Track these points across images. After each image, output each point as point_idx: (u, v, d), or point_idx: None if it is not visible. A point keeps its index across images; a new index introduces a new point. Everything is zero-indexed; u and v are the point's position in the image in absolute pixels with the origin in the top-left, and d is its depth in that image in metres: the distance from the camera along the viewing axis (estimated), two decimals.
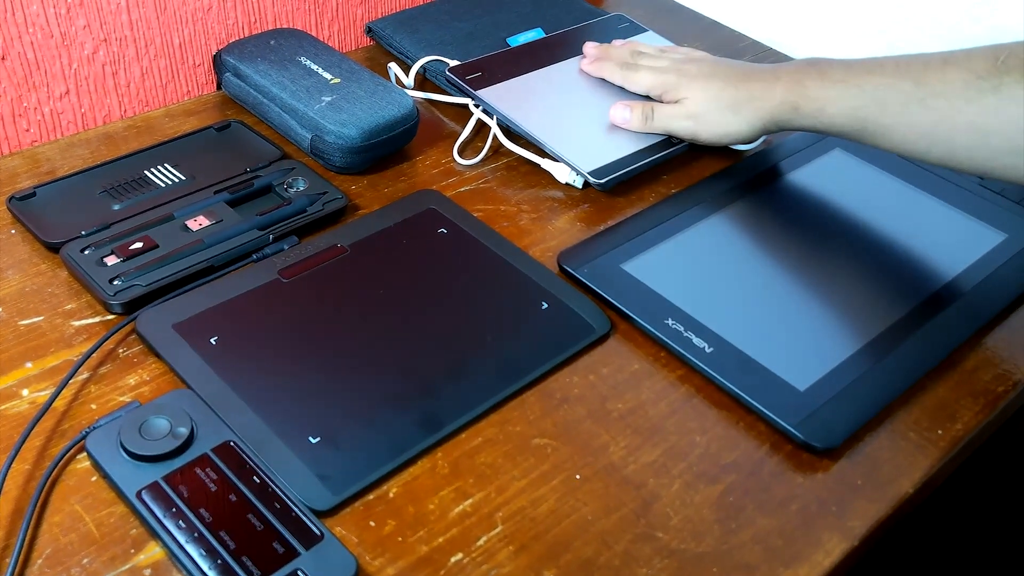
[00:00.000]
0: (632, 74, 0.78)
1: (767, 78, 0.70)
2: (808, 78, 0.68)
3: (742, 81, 0.72)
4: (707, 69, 0.74)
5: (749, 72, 0.72)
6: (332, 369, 0.56)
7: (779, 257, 0.69)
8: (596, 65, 0.80)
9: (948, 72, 0.61)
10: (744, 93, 0.71)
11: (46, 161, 0.72)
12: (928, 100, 0.61)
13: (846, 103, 0.65)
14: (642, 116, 0.75)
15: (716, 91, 0.72)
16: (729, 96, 0.72)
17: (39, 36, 0.71)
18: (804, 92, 0.67)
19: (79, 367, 0.55)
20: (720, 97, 0.72)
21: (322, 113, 0.72)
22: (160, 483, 0.48)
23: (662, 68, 0.77)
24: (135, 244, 0.62)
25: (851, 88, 0.65)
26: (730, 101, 0.72)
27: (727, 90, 0.72)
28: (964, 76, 0.60)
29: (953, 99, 0.60)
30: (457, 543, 0.49)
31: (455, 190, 0.73)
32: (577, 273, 0.65)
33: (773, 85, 0.69)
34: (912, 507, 0.54)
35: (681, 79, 0.74)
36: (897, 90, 0.63)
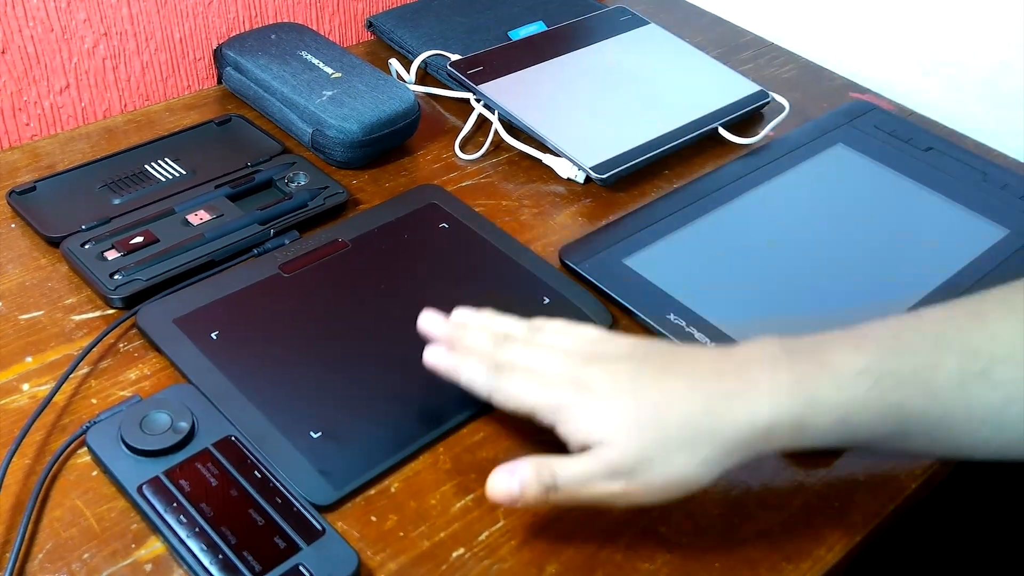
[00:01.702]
0: (502, 384, 0.49)
1: (732, 384, 0.45)
2: (810, 379, 0.45)
3: (690, 392, 0.45)
4: (623, 369, 0.47)
5: (696, 373, 0.46)
6: (333, 364, 0.56)
7: (781, 252, 0.68)
8: (448, 361, 0.51)
9: (998, 330, 0.45)
10: (700, 413, 0.44)
11: (46, 155, 0.72)
12: (992, 371, 0.44)
13: (879, 402, 0.44)
14: (538, 485, 0.45)
15: (649, 417, 0.45)
16: (675, 422, 0.44)
17: (39, 30, 0.71)
18: (812, 402, 0.44)
19: (79, 362, 0.55)
20: (658, 426, 0.44)
21: (323, 108, 0.71)
22: (161, 478, 0.48)
23: (548, 370, 0.48)
24: (136, 238, 0.62)
25: (884, 380, 0.44)
26: (677, 431, 0.44)
27: (669, 412, 0.44)
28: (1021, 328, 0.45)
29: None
30: (459, 538, 0.49)
31: (456, 185, 0.73)
32: (579, 268, 0.64)
33: (750, 397, 0.44)
34: (914, 503, 0.54)
35: (581, 397, 0.46)
36: (944, 368, 0.45)
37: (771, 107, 0.84)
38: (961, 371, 0.44)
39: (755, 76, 0.88)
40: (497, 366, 0.49)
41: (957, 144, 0.81)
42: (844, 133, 0.80)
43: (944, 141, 0.80)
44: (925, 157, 0.78)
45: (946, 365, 0.44)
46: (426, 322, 0.53)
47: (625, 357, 0.47)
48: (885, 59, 0.91)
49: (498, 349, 0.49)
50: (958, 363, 0.44)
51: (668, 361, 0.47)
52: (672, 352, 0.48)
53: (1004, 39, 0.83)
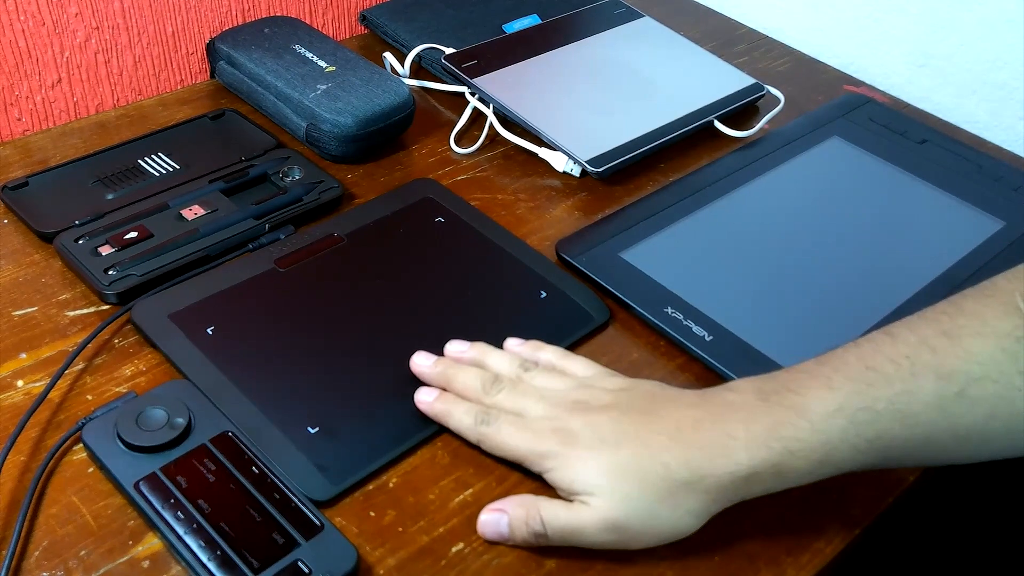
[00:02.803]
0: (490, 430, 0.50)
1: (710, 436, 0.46)
2: (782, 423, 0.45)
3: (671, 445, 0.46)
4: (606, 420, 0.48)
5: (676, 425, 0.47)
6: (330, 359, 0.56)
7: (778, 244, 0.68)
8: (438, 405, 0.52)
9: (971, 348, 0.45)
10: (681, 467, 0.45)
11: (38, 150, 0.71)
12: (969, 390, 0.44)
13: (857, 439, 0.45)
14: (527, 531, 0.47)
15: (632, 470, 0.46)
16: (658, 476, 0.45)
17: (30, 24, 0.70)
18: (790, 449, 0.45)
19: (74, 358, 0.55)
20: (642, 480, 0.46)
21: (317, 101, 0.71)
22: (158, 474, 0.48)
23: (535, 417, 0.50)
24: (130, 234, 0.62)
25: (859, 416, 0.45)
26: (660, 486, 0.45)
27: (651, 466, 0.46)
28: (998, 345, 0.45)
29: (1003, 380, 0.44)
30: (458, 533, 0.49)
31: (452, 179, 0.73)
32: (575, 262, 0.64)
33: (728, 449, 0.45)
34: (912, 496, 0.54)
35: (567, 448, 0.48)
36: (921, 393, 0.45)
37: (766, 100, 0.84)
38: (938, 395, 0.45)
39: (750, 69, 0.88)
40: (485, 413, 0.51)
41: (951, 136, 0.81)
42: (839, 126, 0.80)
43: (939, 134, 0.80)
44: (920, 149, 0.78)
45: (922, 391, 0.45)
46: (417, 364, 0.55)
47: (609, 407, 0.49)
48: (879, 52, 0.91)
49: (486, 395, 0.52)
50: (934, 388, 0.45)
51: (649, 411, 0.48)
52: (653, 400, 0.49)
53: (997, 32, 0.83)
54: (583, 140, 0.73)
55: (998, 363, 0.44)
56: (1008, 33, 0.82)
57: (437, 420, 0.52)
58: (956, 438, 0.45)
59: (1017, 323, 0.45)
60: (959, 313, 0.46)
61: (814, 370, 0.47)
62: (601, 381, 0.52)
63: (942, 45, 0.87)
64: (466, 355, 0.55)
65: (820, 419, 0.45)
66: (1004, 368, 0.44)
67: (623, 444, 0.47)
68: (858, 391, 0.45)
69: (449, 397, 0.53)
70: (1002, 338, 0.45)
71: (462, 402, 0.52)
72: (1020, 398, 0.44)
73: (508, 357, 0.54)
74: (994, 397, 0.44)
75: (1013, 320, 0.45)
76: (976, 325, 0.45)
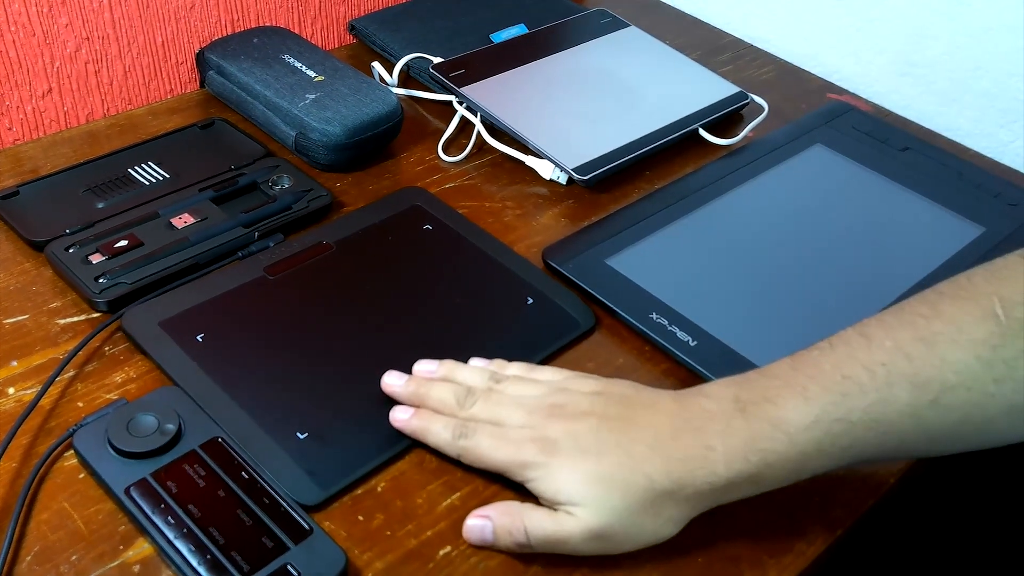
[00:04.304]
0: (469, 443, 0.50)
1: (689, 444, 0.47)
2: (759, 436, 0.46)
3: (651, 454, 0.47)
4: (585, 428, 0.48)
5: (654, 433, 0.48)
6: (319, 365, 0.57)
7: (762, 251, 0.69)
8: (414, 422, 0.52)
9: (947, 356, 0.45)
10: (662, 478, 0.46)
11: (29, 160, 0.71)
12: (943, 398, 0.45)
13: (831, 449, 0.46)
14: (511, 539, 0.48)
15: (615, 480, 0.46)
16: (640, 486, 0.46)
17: (21, 34, 0.71)
18: (766, 460, 0.46)
19: (65, 365, 0.55)
20: (625, 489, 0.46)
21: (306, 111, 0.72)
22: (148, 480, 0.48)
23: (514, 427, 0.50)
24: (120, 242, 0.62)
25: (835, 427, 0.45)
26: (642, 495, 0.46)
27: (633, 476, 0.46)
28: (971, 353, 0.45)
29: (976, 388, 0.45)
30: (446, 536, 0.49)
31: (440, 187, 0.73)
32: (562, 268, 0.65)
33: (707, 461, 0.46)
34: (894, 498, 0.55)
35: (548, 457, 0.48)
36: (895, 402, 0.45)
37: (750, 108, 0.85)
38: (912, 404, 0.45)
39: (734, 78, 0.89)
40: (462, 427, 0.51)
41: (933, 144, 0.82)
42: (822, 134, 0.81)
43: (920, 141, 0.81)
44: (902, 157, 0.79)
45: (897, 400, 0.45)
46: (389, 384, 0.54)
47: (588, 414, 0.49)
48: (862, 60, 0.92)
49: (461, 408, 0.52)
50: (909, 397, 0.45)
51: (628, 418, 0.49)
52: (630, 405, 0.50)
53: (979, 41, 0.84)
54: (569, 148, 0.74)
55: (973, 371, 0.45)
56: (989, 42, 0.84)
57: (415, 437, 0.53)
58: (929, 441, 0.47)
59: (993, 330, 0.45)
60: (936, 317, 0.47)
61: (790, 377, 0.47)
62: (575, 383, 0.52)
63: (924, 54, 0.88)
64: (436, 374, 0.55)
65: (797, 432, 0.46)
66: (978, 376, 0.45)
67: (604, 454, 0.47)
68: (834, 402, 0.46)
69: (425, 414, 0.52)
70: (978, 346, 0.45)
71: (439, 417, 0.52)
72: (993, 404, 0.45)
73: (478, 371, 0.54)
74: (967, 404, 0.45)
75: (989, 327, 0.45)
76: (952, 332, 0.46)
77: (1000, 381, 0.45)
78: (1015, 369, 0.44)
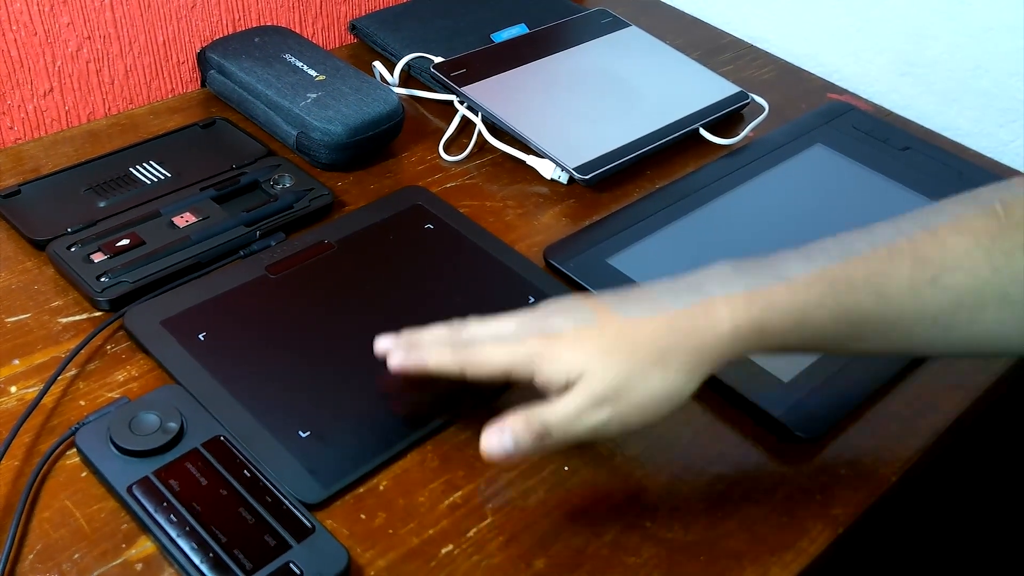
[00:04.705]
0: (471, 353, 0.49)
1: (693, 302, 0.47)
2: (764, 288, 0.47)
3: (650, 316, 0.47)
4: (580, 315, 0.48)
5: (654, 298, 0.48)
6: (321, 364, 0.57)
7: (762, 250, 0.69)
8: (413, 355, 0.51)
9: (949, 240, 0.48)
10: (665, 332, 0.46)
11: (30, 159, 0.72)
12: (942, 278, 0.47)
13: (833, 305, 0.47)
14: (530, 435, 0.46)
15: (618, 344, 0.47)
16: (644, 343, 0.46)
17: (23, 33, 0.71)
18: (769, 306, 0.46)
19: (67, 364, 0.55)
20: (630, 350, 0.46)
21: (307, 110, 0.72)
22: (150, 478, 0.48)
23: (510, 333, 0.49)
24: (122, 241, 0.62)
25: (837, 285, 0.47)
26: (648, 350, 0.46)
27: (636, 336, 0.47)
28: (973, 241, 0.47)
29: (974, 270, 0.47)
30: (448, 535, 0.49)
31: (441, 186, 0.73)
32: (563, 268, 0.65)
33: (709, 309, 0.47)
34: (895, 495, 0.55)
35: (551, 342, 0.48)
36: (896, 275, 0.47)
37: (751, 108, 0.85)
38: (912, 278, 0.47)
39: (735, 78, 0.89)
40: (461, 343, 0.50)
41: (933, 144, 0.82)
42: (823, 133, 0.82)
43: (920, 141, 0.82)
44: (902, 156, 0.79)
45: (898, 273, 0.47)
46: (381, 344, 0.52)
47: (580, 303, 0.50)
48: (862, 60, 0.92)
49: (456, 333, 0.51)
50: (910, 271, 0.47)
51: (622, 297, 0.49)
52: (623, 291, 0.50)
53: (978, 41, 0.84)
54: (570, 148, 0.74)
55: (972, 257, 0.47)
56: (989, 42, 0.84)
57: (415, 370, 0.50)
58: (922, 322, 0.48)
59: (993, 224, 0.48)
60: (940, 213, 0.49)
61: (792, 252, 0.49)
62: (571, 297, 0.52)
63: (924, 54, 0.88)
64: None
65: (799, 284, 0.47)
66: (976, 261, 0.47)
67: (606, 325, 0.47)
68: (836, 264, 0.48)
69: (421, 344, 0.51)
70: (979, 235, 0.47)
71: (435, 344, 0.50)
72: (987, 291, 0.47)
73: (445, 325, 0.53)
74: (963, 287, 0.47)
75: (989, 221, 0.48)
76: (954, 223, 0.48)
77: (997, 270, 0.47)
78: (1012, 260, 0.47)
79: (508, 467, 0.53)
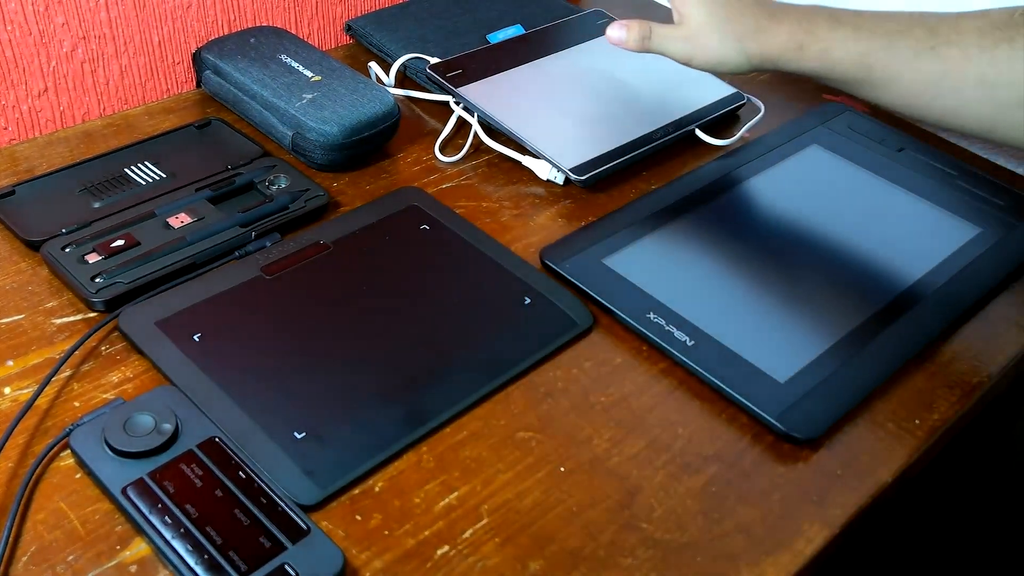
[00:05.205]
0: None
1: (775, 12, 0.67)
2: (818, 18, 0.65)
3: (749, 9, 0.68)
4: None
5: (760, 3, 0.69)
6: (316, 364, 0.57)
7: (758, 251, 0.69)
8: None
9: (962, 22, 0.60)
10: (749, 22, 0.67)
11: (24, 159, 0.71)
12: (940, 48, 0.60)
13: (854, 46, 0.63)
14: (639, 35, 0.69)
15: (720, 17, 0.68)
16: (733, 23, 0.67)
17: (17, 33, 0.70)
18: (812, 31, 0.65)
19: (61, 365, 0.55)
20: (724, 22, 0.68)
21: (303, 110, 0.72)
22: (145, 479, 0.48)
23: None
24: (116, 242, 0.62)
25: (862, 32, 0.63)
26: (732, 29, 0.67)
27: (732, 16, 0.67)
28: (979, 25, 0.59)
29: (965, 48, 0.59)
30: (443, 536, 0.49)
31: (437, 187, 0.73)
32: (559, 268, 0.65)
33: (781, 20, 0.66)
34: (891, 495, 0.55)
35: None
36: (909, 36, 0.61)
37: (747, 109, 0.85)
38: (917, 44, 0.61)
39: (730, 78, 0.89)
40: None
41: (929, 145, 0.82)
42: (818, 134, 0.82)
43: (916, 142, 0.82)
44: (898, 158, 0.79)
45: (910, 35, 0.61)
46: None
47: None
48: None
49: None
50: (918, 37, 0.61)
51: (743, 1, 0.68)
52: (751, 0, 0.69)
53: None
54: (566, 148, 0.74)
55: (967, 36, 0.59)
56: None
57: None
58: (916, 84, 0.62)
59: (1003, 18, 0.59)
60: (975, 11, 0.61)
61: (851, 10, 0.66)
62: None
63: None
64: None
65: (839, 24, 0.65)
66: (969, 40, 0.59)
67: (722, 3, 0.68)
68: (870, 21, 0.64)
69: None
70: (984, 24, 0.59)
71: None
72: (969, 69, 0.59)
73: None
74: (952, 59, 0.60)
75: (1003, 16, 0.59)
76: (978, 13, 0.60)
77: (982, 49, 0.59)
78: (997, 48, 0.58)
79: (503, 468, 0.52)
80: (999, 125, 0.60)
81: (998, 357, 0.63)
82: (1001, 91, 0.59)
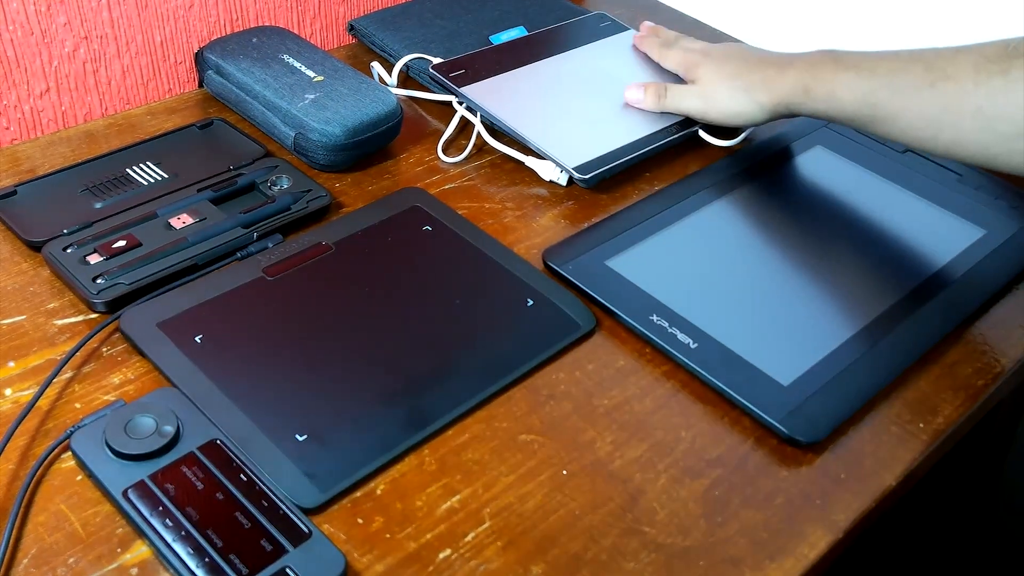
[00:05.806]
0: (667, 52, 0.83)
1: (782, 62, 0.72)
2: (822, 63, 0.69)
3: (758, 64, 0.73)
4: (728, 52, 0.77)
5: (766, 57, 0.74)
6: (318, 366, 0.56)
7: (762, 253, 0.69)
8: (642, 40, 0.86)
9: (959, 57, 0.61)
10: (757, 75, 0.72)
11: (26, 159, 0.71)
12: (938, 83, 0.61)
13: (858, 87, 0.66)
14: (655, 95, 0.77)
15: (730, 72, 0.74)
16: (742, 77, 0.73)
17: (19, 33, 0.70)
18: (817, 76, 0.68)
19: (63, 366, 0.55)
20: (733, 78, 0.74)
21: (305, 111, 0.71)
22: (146, 482, 0.48)
23: (693, 49, 0.80)
24: (118, 242, 0.62)
25: (863, 72, 0.65)
26: (743, 82, 0.73)
27: (741, 71, 0.74)
28: (974, 60, 0.60)
29: (962, 82, 0.60)
30: (445, 539, 0.49)
31: (439, 188, 0.73)
32: (562, 270, 0.65)
33: (786, 69, 0.71)
34: (895, 499, 0.55)
35: (703, 59, 0.77)
36: (909, 73, 0.63)
37: None
38: (917, 80, 0.63)
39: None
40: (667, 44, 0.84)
41: None
42: (822, 135, 0.81)
43: None
44: (902, 159, 0.79)
45: (910, 73, 0.63)
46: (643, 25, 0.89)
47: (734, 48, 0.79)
48: None
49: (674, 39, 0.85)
50: (918, 73, 0.63)
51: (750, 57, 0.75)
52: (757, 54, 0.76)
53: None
54: (570, 149, 0.74)
55: (965, 70, 0.60)
56: None
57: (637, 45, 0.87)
58: (919, 120, 0.63)
59: (997, 51, 0.60)
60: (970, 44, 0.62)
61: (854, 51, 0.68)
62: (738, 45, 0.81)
63: None
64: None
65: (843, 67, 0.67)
66: (966, 74, 0.60)
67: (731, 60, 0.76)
68: (871, 61, 0.66)
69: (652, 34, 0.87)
70: (979, 58, 0.60)
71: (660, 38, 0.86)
72: (967, 102, 0.60)
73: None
74: (949, 94, 0.61)
75: (997, 49, 0.60)
76: (974, 46, 0.61)
77: (978, 84, 0.60)
78: (992, 79, 0.59)
79: (506, 471, 0.52)
80: (1000, 156, 0.61)
81: (1003, 360, 0.63)
82: (999, 123, 0.60)
